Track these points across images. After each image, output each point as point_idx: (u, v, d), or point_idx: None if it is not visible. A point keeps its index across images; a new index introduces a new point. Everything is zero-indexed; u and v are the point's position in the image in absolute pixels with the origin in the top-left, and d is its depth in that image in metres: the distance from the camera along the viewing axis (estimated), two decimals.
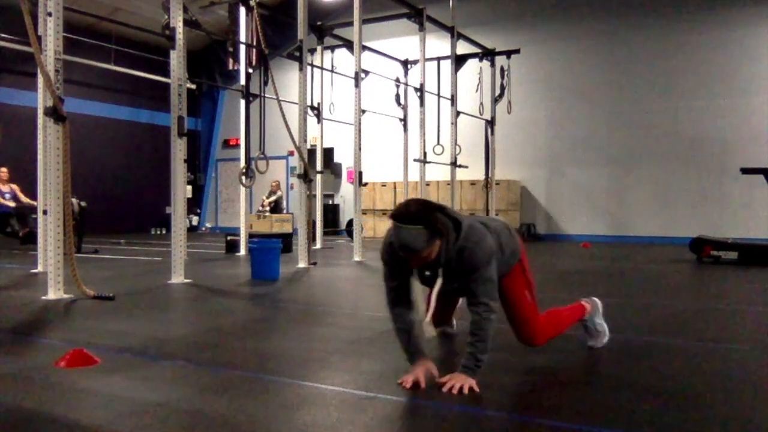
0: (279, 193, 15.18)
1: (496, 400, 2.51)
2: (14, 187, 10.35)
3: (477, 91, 13.04)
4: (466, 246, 2.61)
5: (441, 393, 2.52)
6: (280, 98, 7.71)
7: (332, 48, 12.37)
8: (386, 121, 14.39)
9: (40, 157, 7.10)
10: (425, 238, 2.48)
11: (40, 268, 6.81)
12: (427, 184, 12.36)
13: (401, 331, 2.72)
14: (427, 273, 2.69)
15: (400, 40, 14.39)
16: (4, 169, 10.33)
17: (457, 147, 11.77)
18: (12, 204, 10.15)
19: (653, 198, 13.29)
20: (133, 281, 6.48)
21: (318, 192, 11.73)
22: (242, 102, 9.20)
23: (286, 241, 9.39)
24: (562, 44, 14.14)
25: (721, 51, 12.69)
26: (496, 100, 13.40)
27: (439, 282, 2.65)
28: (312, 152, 11.38)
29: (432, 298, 2.67)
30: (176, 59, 6.48)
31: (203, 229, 18.23)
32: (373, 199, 15.04)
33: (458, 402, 2.44)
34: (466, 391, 2.50)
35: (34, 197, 7.23)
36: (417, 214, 2.49)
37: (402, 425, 2.24)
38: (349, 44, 11.09)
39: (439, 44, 12.62)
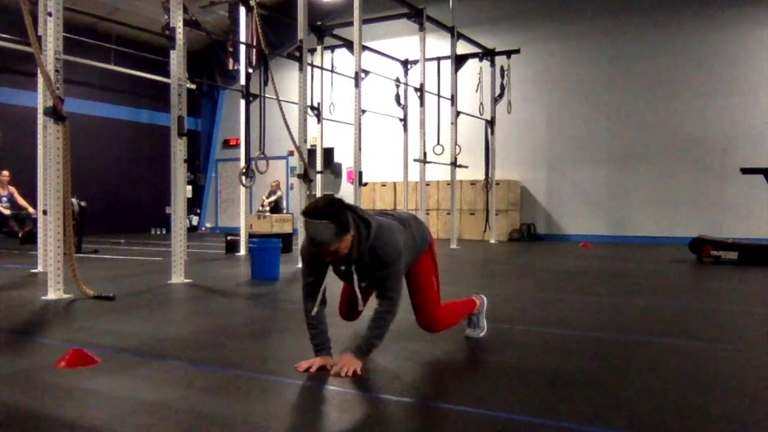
0: (279, 193, 15.18)
1: (496, 400, 2.51)
2: (12, 189, 10.32)
3: (477, 91, 13.04)
4: (378, 244, 2.81)
5: (442, 394, 2.52)
6: (280, 98, 7.71)
7: (332, 48, 12.36)
8: (386, 121, 14.38)
9: (40, 157, 7.10)
10: (333, 232, 2.66)
11: (40, 268, 6.81)
12: (427, 184, 12.36)
13: (311, 326, 2.94)
14: (342, 268, 2.91)
15: (400, 40, 14.38)
16: (5, 173, 10.30)
17: (457, 147, 11.76)
18: (7, 212, 10.09)
19: (653, 198, 13.29)
20: (133, 281, 6.48)
21: (318, 192, 11.71)
22: (242, 102, 9.20)
23: (286, 241, 9.38)
24: (562, 44, 14.14)
25: (721, 51, 12.69)
26: (496, 100, 13.40)
27: (356, 277, 2.88)
28: (312, 152, 11.38)
29: (357, 291, 2.91)
30: (176, 59, 6.48)
31: (203, 229, 18.23)
32: (373, 199, 15.04)
33: (458, 402, 2.44)
34: (350, 374, 2.69)
35: (34, 198, 7.22)
36: (324, 209, 2.69)
37: (402, 425, 2.24)
38: (349, 44, 11.08)
39: (439, 44, 12.62)
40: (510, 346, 3.49)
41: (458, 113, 11.84)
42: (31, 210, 9.97)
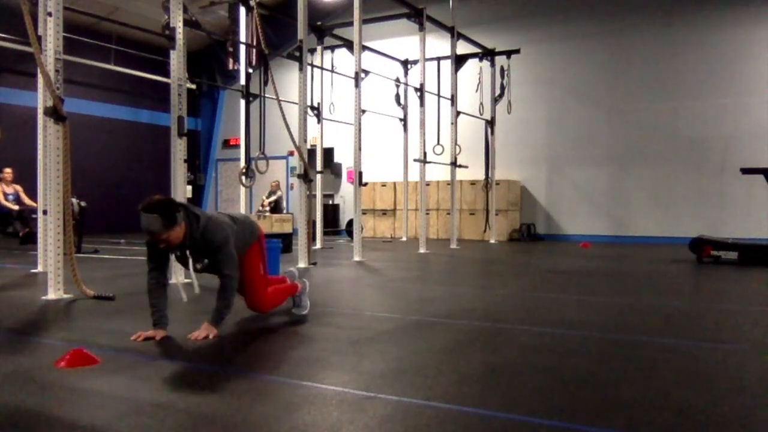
0: (279, 193, 15.17)
1: (497, 400, 2.51)
2: (18, 188, 10.36)
3: (477, 91, 13.05)
4: (206, 234, 3.44)
5: (442, 394, 2.52)
6: (280, 98, 7.71)
7: (332, 48, 12.37)
8: (386, 121, 14.39)
9: (40, 157, 7.09)
10: (161, 224, 3.24)
11: (40, 268, 6.81)
12: (427, 184, 12.37)
13: (151, 305, 3.53)
14: (178, 254, 3.53)
15: (400, 40, 14.39)
16: (8, 170, 10.35)
17: (457, 147, 11.77)
18: (15, 207, 10.16)
19: (653, 198, 13.29)
20: (133, 281, 6.47)
21: (318, 192, 11.72)
22: (242, 102, 9.19)
23: (286, 241, 9.38)
24: (562, 44, 14.14)
25: (721, 51, 12.70)
26: (496, 100, 13.40)
27: (191, 261, 3.51)
28: (312, 152, 11.37)
29: (191, 272, 3.57)
30: (176, 59, 6.47)
31: None
32: (373, 199, 15.04)
33: (458, 402, 2.44)
34: (202, 337, 3.38)
35: (34, 197, 7.23)
36: (155, 205, 3.25)
37: (402, 425, 2.24)
38: (349, 44, 11.09)
39: (439, 44, 12.62)
40: (510, 346, 3.49)
41: (458, 113, 11.85)
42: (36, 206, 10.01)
